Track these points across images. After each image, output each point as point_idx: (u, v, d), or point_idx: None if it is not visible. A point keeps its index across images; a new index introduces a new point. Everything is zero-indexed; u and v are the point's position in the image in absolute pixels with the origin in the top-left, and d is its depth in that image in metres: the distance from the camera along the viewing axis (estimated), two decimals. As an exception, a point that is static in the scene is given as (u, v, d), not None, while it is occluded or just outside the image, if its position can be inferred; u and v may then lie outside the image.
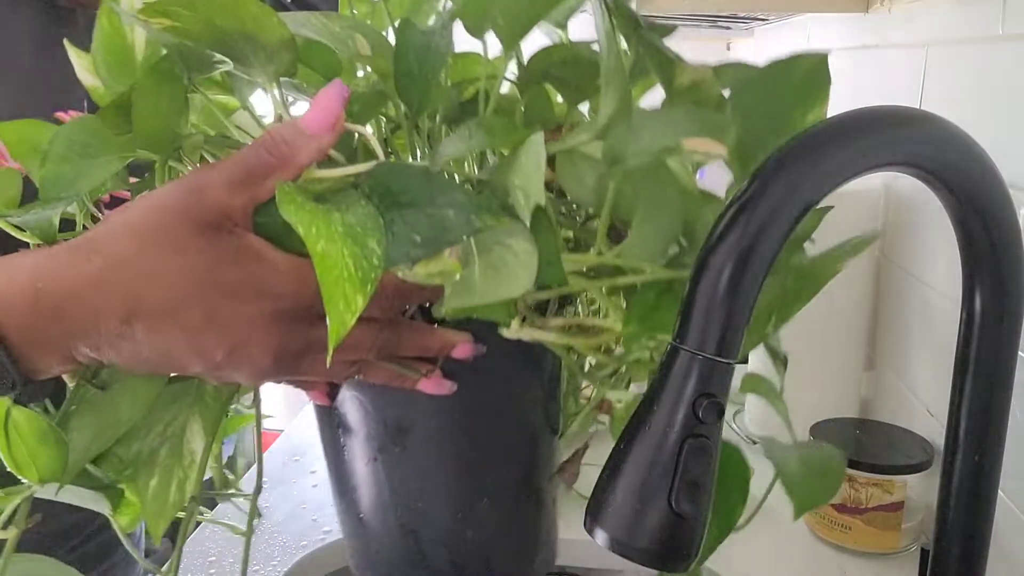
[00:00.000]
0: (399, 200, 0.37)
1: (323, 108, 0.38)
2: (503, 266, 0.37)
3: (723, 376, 0.35)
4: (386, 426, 0.47)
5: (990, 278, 0.42)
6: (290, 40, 0.39)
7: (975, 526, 0.45)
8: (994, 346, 0.43)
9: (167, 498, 0.46)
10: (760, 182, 0.35)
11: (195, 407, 0.46)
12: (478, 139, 0.40)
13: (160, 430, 0.46)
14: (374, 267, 0.34)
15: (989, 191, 0.39)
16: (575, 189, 0.41)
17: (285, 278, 0.37)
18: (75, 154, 0.41)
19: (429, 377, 0.44)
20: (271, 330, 0.38)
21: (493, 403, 0.48)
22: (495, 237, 0.38)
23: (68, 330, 0.36)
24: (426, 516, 0.49)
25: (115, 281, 0.36)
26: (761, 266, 0.34)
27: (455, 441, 0.48)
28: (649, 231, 0.39)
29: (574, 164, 0.40)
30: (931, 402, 0.79)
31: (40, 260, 0.37)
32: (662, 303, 0.40)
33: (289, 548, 0.76)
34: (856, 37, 1.03)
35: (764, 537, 0.77)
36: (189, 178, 0.38)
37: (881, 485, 0.72)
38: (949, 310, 0.75)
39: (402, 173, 0.38)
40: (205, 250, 0.36)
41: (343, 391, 0.48)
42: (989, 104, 0.69)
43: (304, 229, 0.33)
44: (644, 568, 0.36)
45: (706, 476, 0.35)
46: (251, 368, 0.39)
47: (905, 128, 0.37)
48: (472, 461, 0.48)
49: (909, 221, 0.86)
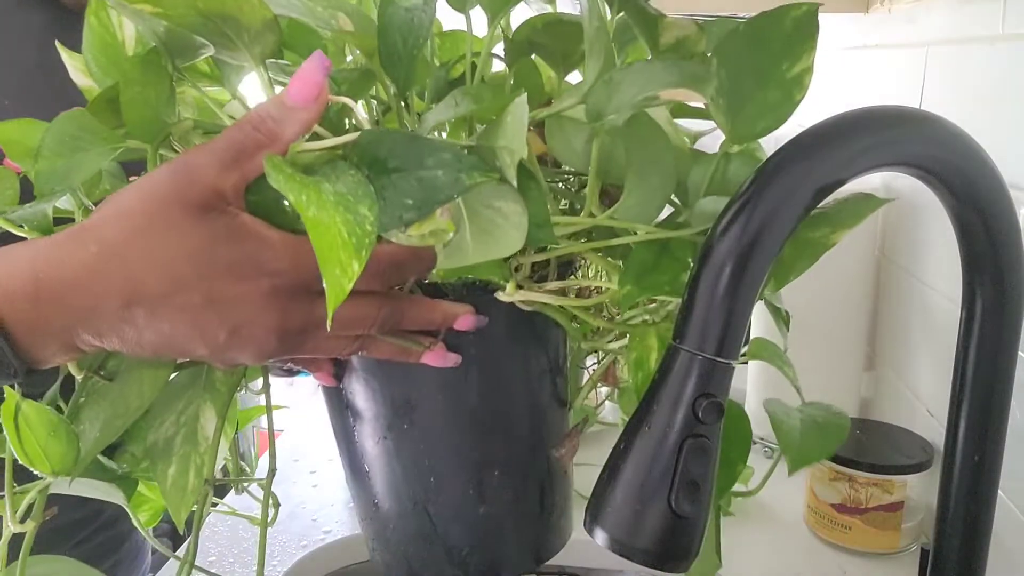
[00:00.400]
0: (387, 166, 0.37)
1: (305, 80, 0.38)
2: (494, 228, 0.37)
3: (723, 376, 0.35)
4: (393, 403, 0.47)
5: (990, 278, 0.42)
6: (272, 20, 0.39)
7: (975, 526, 0.45)
8: (994, 346, 0.43)
9: (187, 484, 0.46)
10: (760, 182, 0.35)
11: (206, 394, 0.47)
12: (464, 106, 0.40)
13: (174, 419, 0.47)
14: (367, 232, 0.33)
15: (989, 191, 0.39)
16: (565, 153, 0.41)
17: (281, 255, 0.37)
18: (67, 148, 0.41)
19: (432, 350, 0.44)
20: (271, 308, 0.38)
21: (497, 375, 0.48)
22: (484, 200, 0.38)
23: (69, 318, 0.36)
24: (438, 492, 0.49)
25: (113, 267, 0.36)
26: (761, 267, 0.34)
27: (462, 415, 0.48)
28: (642, 191, 0.39)
29: (562, 128, 0.40)
30: (931, 402, 0.79)
31: (39, 250, 0.37)
32: (659, 263, 0.40)
33: (289, 548, 0.76)
34: (856, 37, 1.03)
35: (764, 537, 0.77)
36: (179, 160, 0.38)
37: (881, 485, 0.72)
38: (949, 310, 0.75)
39: (388, 139, 0.37)
40: (199, 231, 0.36)
41: (349, 372, 0.48)
42: (989, 104, 0.69)
43: (295, 197, 0.33)
44: (644, 568, 0.36)
45: (706, 476, 0.35)
46: (255, 348, 0.39)
47: (905, 128, 0.37)
48: (480, 434, 0.48)
49: (909, 221, 0.86)
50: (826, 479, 0.74)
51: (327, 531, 0.79)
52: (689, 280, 0.35)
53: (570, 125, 0.40)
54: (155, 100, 0.41)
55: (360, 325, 0.41)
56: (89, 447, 0.44)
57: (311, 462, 0.93)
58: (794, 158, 0.35)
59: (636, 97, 0.35)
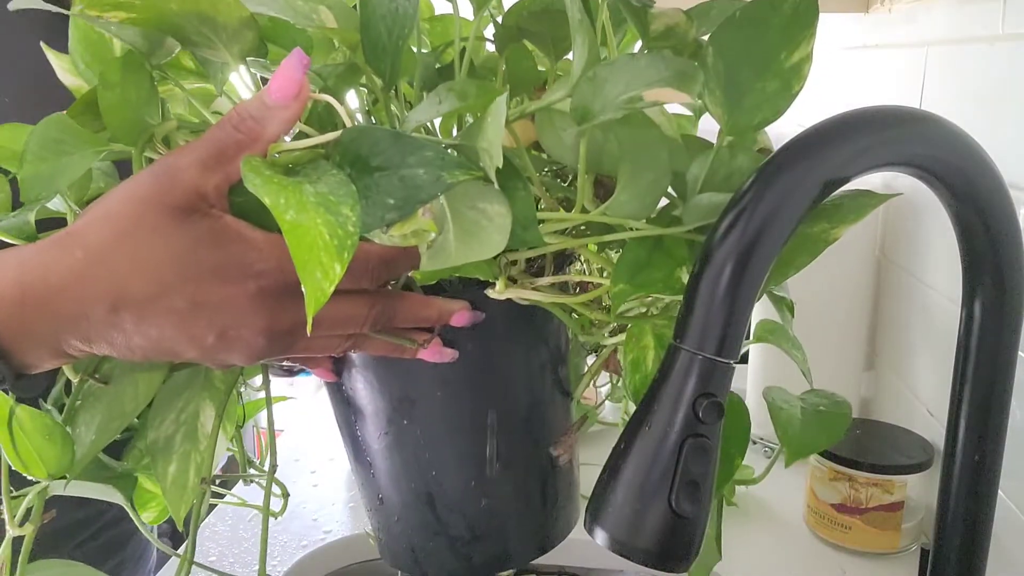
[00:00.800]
0: (370, 164, 0.36)
1: (285, 78, 0.37)
2: (478, 229, 0.37)
3: (723, 376, 0.35)
4: (392, 400, 0.47)
5: (990, 278, 0.42)
6: (250, 18, 0.38)
7: (975, 526, 0.45)
8: (994, 346, 0.43)
9: (187, 482, 0.46)
10: (760, 182, 0.35)
11: (204, 392, 0.47)
12: (448, 103, 0.39)
13: (174, 417, 0.47)
14: (349, 233, 0.33)
15: (989, 191, 0.39)
16: (555, 148, 0.40)
17: (266, 256, 0.37)
18: (51, 152, 0.40)
19: (428, 346, 0.44)
20: (258, 309, 0.38)
21: (496, 370, 0.48)
22: (468, 201, 0.37)
23: (56, 323, 0.36)
24: (441, 485, 0.49)
25: (98, 271, 0.36)
26: (761, 266, 0.34)
27: (461, 411, 0.48)
28: (635, 187, 0.38)
29: (552, 122, 0.40)
30: (931, 402, 0.79)
31: (24, 256, 0.37)
32: (652, 260, 0.39)
33: (289, 548, 0.76)
34: (856, 37, 1.03)
35: (764, 537, 0.77)
36: (161, 163, 0.38)
37: (881, 485, 0.72)
38: (949, 310, 0.75)
39: (370, 136, 0.37)
40: (183, 234, 0.36)
41: (349, 368, 0.48)
42: (989, 104, 0.69)
43: (272, 200, 0.32)
44: (644, 568, 0.36)
45: (706, 476, 0.35)
46: (244, 349, 0.39)
47: (905, 128, 0.37)
48: (479, 428, 0.48)
49: (909, 221, 0.86)
50: (826, 479, 0.74)
51: (327, 531, 0.79)
52: (690, 280, 0.35)
53: (560, 118, 0.40)
54: (136, 101, 0.41)
55: (351, 324, 0.41)
56: (85, 450, 0.44)
57: (311, 462, 0.93)
58: (795, 158, 0.35)
59: (621, 96, 0.34)
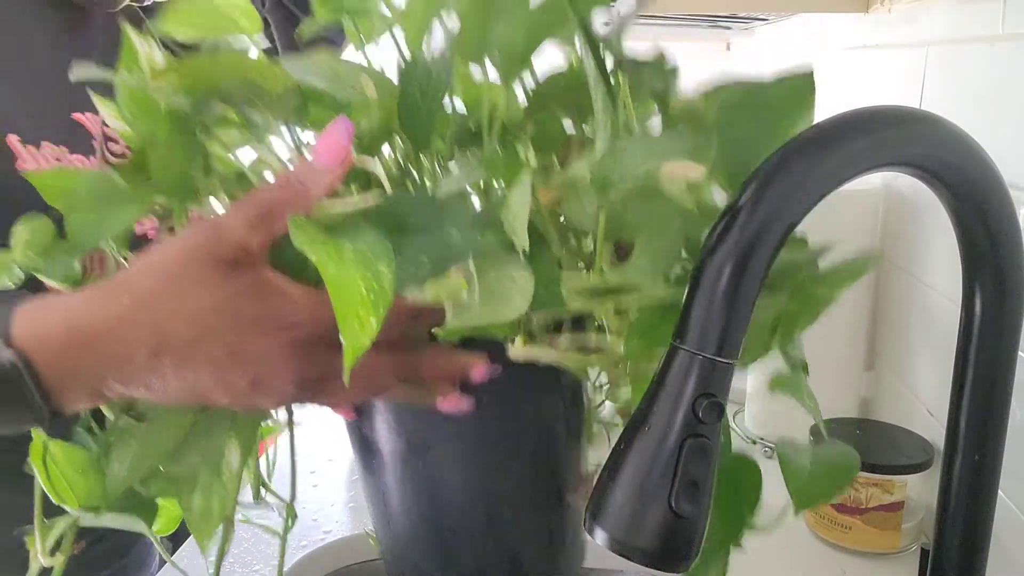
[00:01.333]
0: (407, 224, 0.39)
1: (330, 144, 0.41)
2: (501, 291, 0.39)
3: (723, 376, 0.35)
4: (408, 443, 0.48)
5: (990, 278, 0.42)
6: (295, 86, 0.41)
7: (975, 526, 0.45)
8: (994, 346, 0.43)
9: (211, 513, 0.48)
10: (760, 181, 0.35)
11: (231, 431, 0.48)
12: (477, 174, 0.42)
13: (200, 451, 0.48)
14: (385, 290, 0.35)
15: (989, 191, 0.39)
16: (579, 217, 0.43)
17: (301, 308, 0.39)
18: (100, 203, 0.44)
19: (447, 396, 0.45)
20: (290, 359, 0.40)
21: (512, 419, 0.49)
22: (495, 264, 0.39)
23: (99, 366, 0.38)
24: (451, 524, 0.50)
25: (143, 317, 0.38)
26: (761, 266, 0.34)
27: (476, 457, 0.49)
28: (650, 253, 0.40)
29: (576, 194, 0.42)
30: (931, 402, 0.79)
31: (72, 301, 0.39)
32: (666, 319, 0.40)
33: (289, 548, 0.76)
34: (856, 37, 1.03)
35: (764, 537, 0.77)
36: (211, 220, 0.40)
37: (881, 485, 0.72)
38: (949, 310, 0.75)
39: (409, 203, 0.40)
40: (226, 286, 0.39)
41: (367, 407, 0.49)
42: (989, 104, 0.69)
43: (316, 256, 0.35)
44: (644, 568, 0.36)
45: (706, 476, 0.35)
46: (274, 396, 0.41)
47: (905, 128, 0.37)
48: (493, 476, 0.49)
49: (909, 221, 0.86)
50: (826, 479, 0.74)
51: (327, 531, 0.79)
52: (690, 280, 0.35)
53: (584, 191, 0.42)
54: (182, 159, 0.44)
55: (379, 375, 0.42)
56: (116, 485, 0.46)
57: (311, 462, 0.93)
58: (794, 158, 0.35)
59: (639, 168, 0.37)
